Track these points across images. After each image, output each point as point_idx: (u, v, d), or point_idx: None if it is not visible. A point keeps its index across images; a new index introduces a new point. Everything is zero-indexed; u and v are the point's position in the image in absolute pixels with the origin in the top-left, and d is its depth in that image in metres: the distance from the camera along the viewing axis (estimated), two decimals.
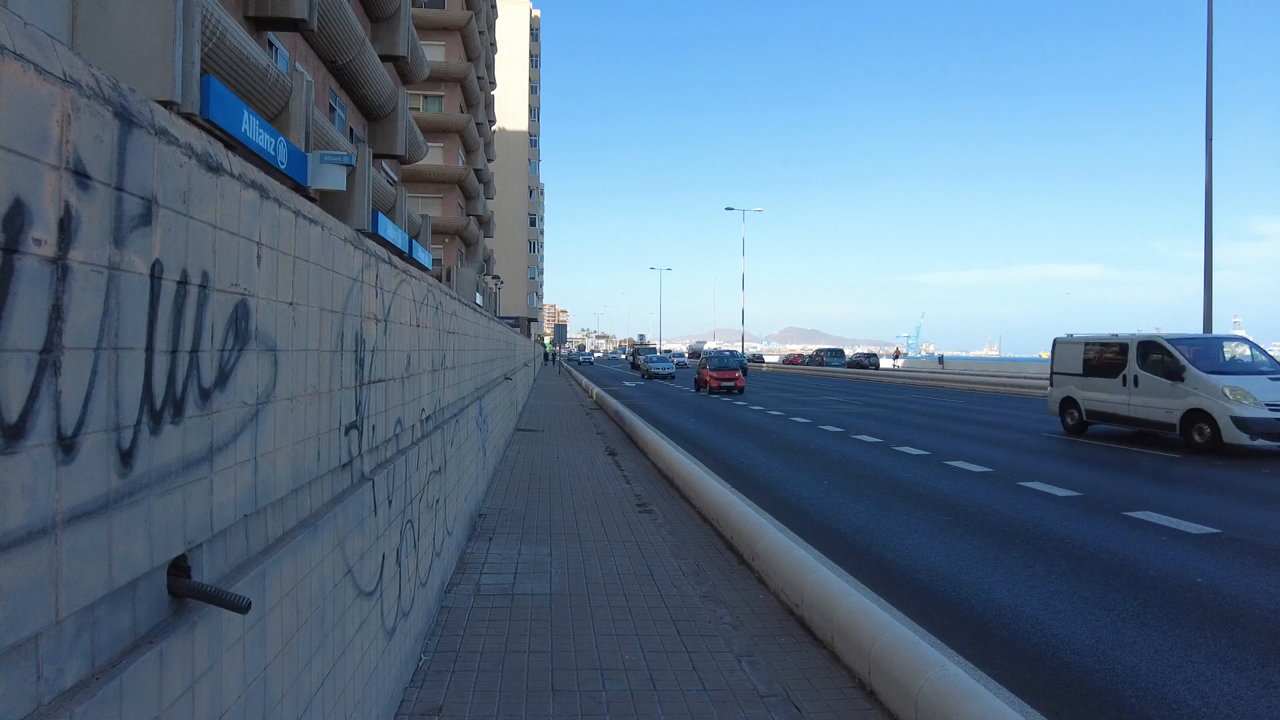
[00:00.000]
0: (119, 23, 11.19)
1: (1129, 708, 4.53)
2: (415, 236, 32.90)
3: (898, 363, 69.83)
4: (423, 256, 33.19)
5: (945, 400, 31.78)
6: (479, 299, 46.06)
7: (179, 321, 1.74)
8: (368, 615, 3.45)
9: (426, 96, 47.36)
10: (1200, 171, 22.63)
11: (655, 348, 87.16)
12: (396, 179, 34.17)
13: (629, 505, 9.53)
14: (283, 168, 16.68)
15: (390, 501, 3.94)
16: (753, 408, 26.73)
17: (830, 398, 32.50)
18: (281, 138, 16.71)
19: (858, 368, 66.18)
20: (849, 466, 13.53)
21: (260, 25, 18.19)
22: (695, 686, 4.47)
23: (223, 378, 1.97)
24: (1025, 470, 13.00)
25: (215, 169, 1.90)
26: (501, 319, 32.93)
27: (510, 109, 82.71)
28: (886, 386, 44.26)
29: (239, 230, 2.04)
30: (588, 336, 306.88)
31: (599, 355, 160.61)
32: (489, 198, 67.05)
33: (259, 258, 2.18)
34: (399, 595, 4.13)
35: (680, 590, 6.24)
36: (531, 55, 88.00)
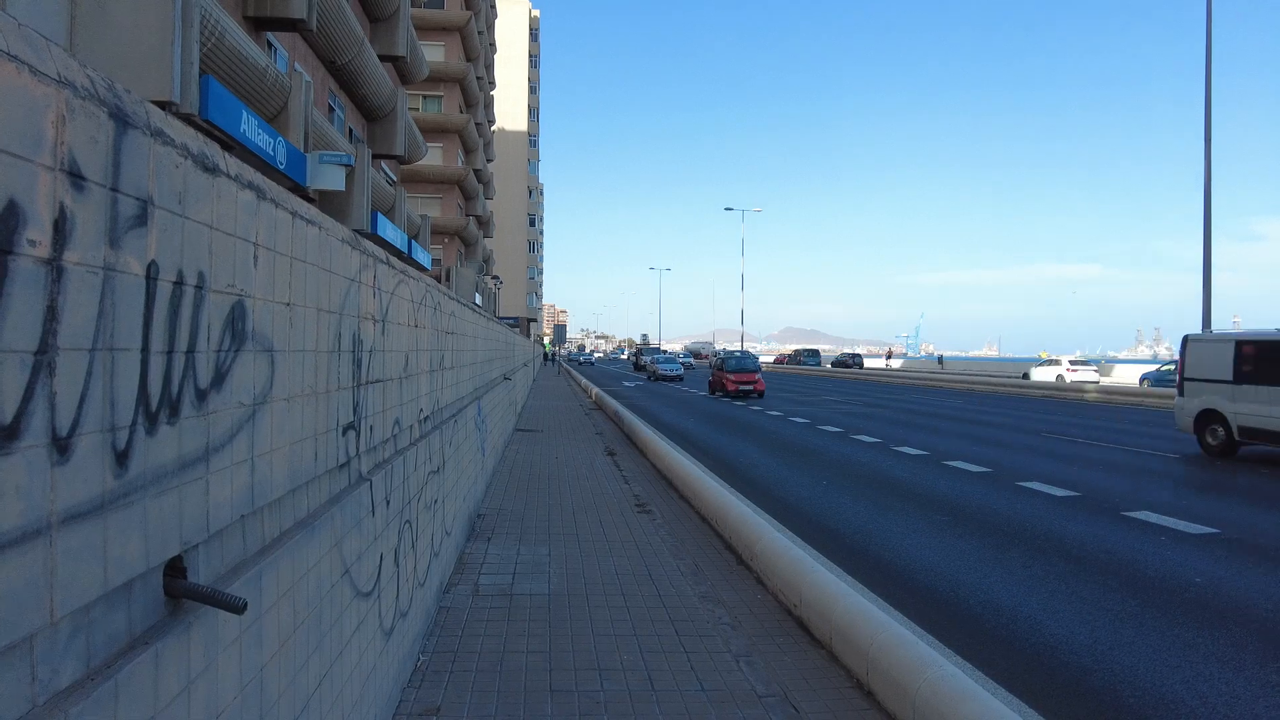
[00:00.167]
0: (118, 23, 11.19)
1: (1127, 707, 4.54)
2: (414, 237, 32.89)
3: (890, 363, 70.74)
4: (422, 257, 33.18)
5: (944, 400, 31.78)
6: (478, 299, 46.05)
7: (175, 322, 1.74)
8: (365, 615, 3.45)
9: (426, 97, 47.35)
10: (1200, 171, 22.65)
11: (660, 347, 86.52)
12: (396, 179, 34.17)
13: (628, 505, 9.53)
14: (282, 168, 16.67)
15: (388, 502, 3.94)
16: (751, 408, 26.74)
17: (829, 398, 32.50)
18: (280, 138, 16.70)
19: (842, 367, 67.80)
20: (848, 466, 13.54)
21: (259, 25, 18.18)
22: (693, 687, 4.47)
23: (219, 378, 1.97)
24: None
25: (211, 170, 1.90)
26: (501, 319, 32.90)
27: (509, 109, 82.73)
28: (886, 386, 44.25)
29: (235, 231, 2.04)
30: (587, 336, 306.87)
31: (599, 355, 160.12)
32: (488, 198, 67.04)
33: (256, 258, 2.18)
34: (397, 595, 4.13)
35: (679, 590, 6.24)
36: (531, 55, 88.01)
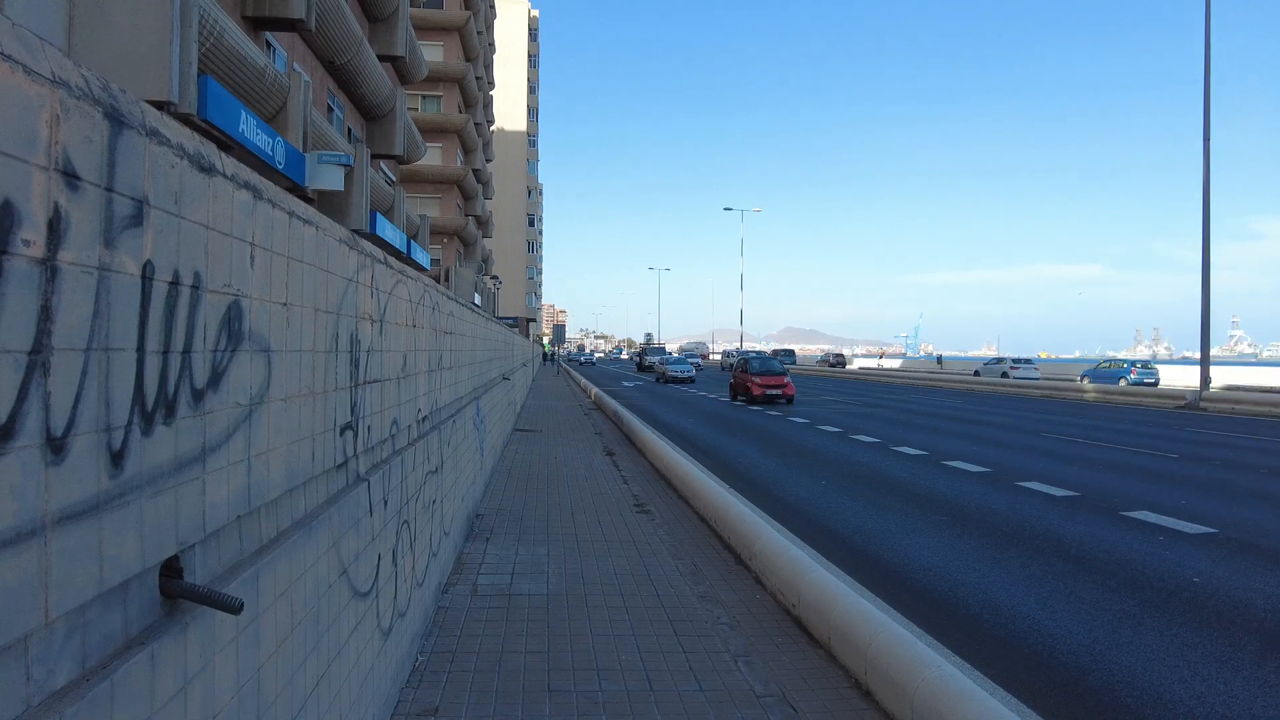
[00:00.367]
0: (116, 23, 11.18)
1: (1125, 707, 4.54)
2: (414, 237, 32.88)
3: (882, 362, 72.94)
4: (421, 257, 33.18)
5: (944, 400, 31.80)
6: (477, 299, 46.04)
7: (171, 322, 1.74)
8: (363, 616, 3.45)
9: (425, 97, 47.34)
10: (1198, 170, 22.65)
11: (664, 346, 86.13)
12: (395, 179, 34.16)
13: (627, 505, 9.53)
14: (280, 168, 16.66)
15: (386, 502, 3.94)
16: (751, 408, 26.75)
17: (828, 397, 32.51)
18: (279, 138, 16.70)
19: (828, 366, 72.24)
20: (847, 466, 13.54)
21: (258, 25, 18.17)
22: (692, 687, 4.47)
23: (215, 378, 1.97)
24: None
25: (208, 170, 1.90)
26: (500, 319, 32.88)
27: (509, 109, 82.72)
28: (885, 386, 44.27)
29: (232, 231, 2.04)
30: (586, 336, 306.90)
31: (599, 355, 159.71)
32: (487, 198, 67.04)
33: (252, 258, 2.17)
34: (395, 596, 4.13)
35: (677, 590, 6.24)
36: (530, 55, 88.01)
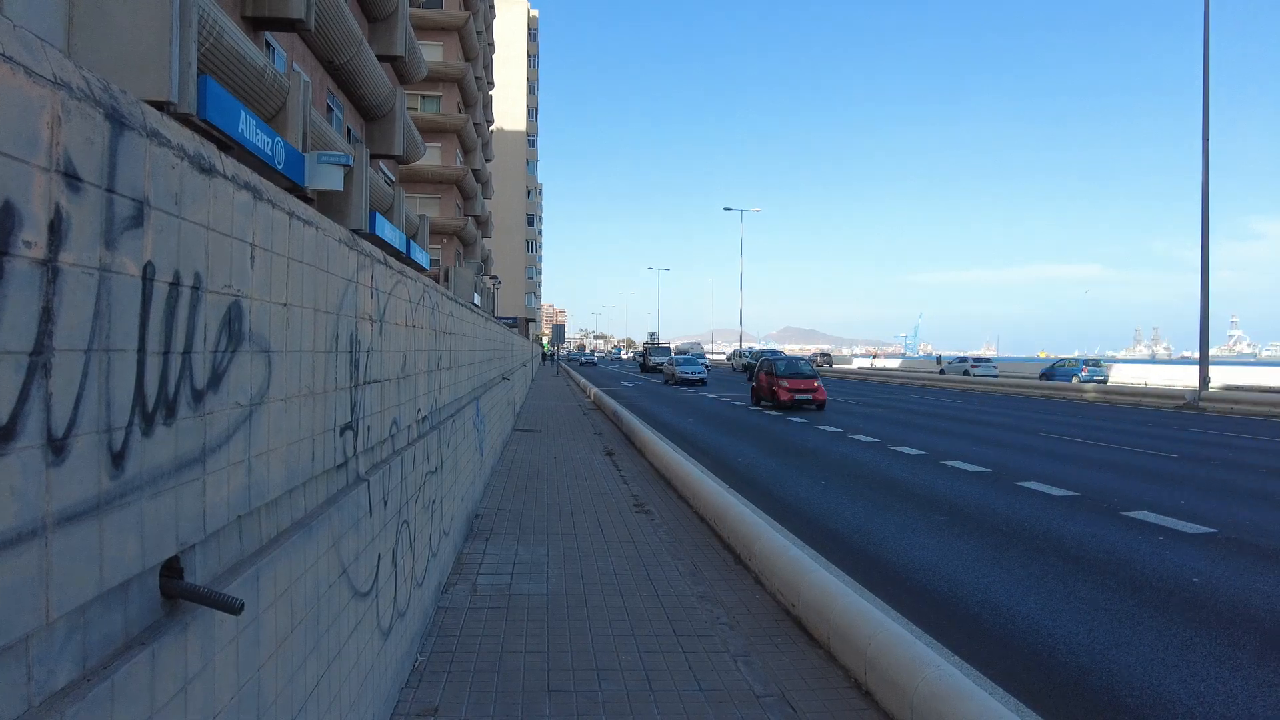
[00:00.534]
0: (115, 23, 11.18)
1: (1125, 707, 4.54)
2: (413, 237, 32.87)
3: (874, 362, 72.83)
4: (420, 257, 33.16)
5: (943, 400, 31.79)
6: (477, 299, 46.03)
7: (171, 323, 1.74)
8: (363, 616, 3.45)
9: (424, 97, 47.33)
10: (1197, 171, 22.67)
11: (668, 346, 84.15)
12: (394, 179, 34.15)
13: (626, 505, 9.53)
14: (280, 168, 16.66)
15: (386, 502, 3.94)
16: (750, 407, 26.75)
17: (828, 398, 32.46)
18: (279, 138, 16.69)
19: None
20: (846, 466, 13.54)
21: (257, 25, 18.16)
22: (691, 687, 4.47)
23: (216, 379, 1.97)
24: None
25: (208, 171, 1.90)
26: (499, 319, 32.88)
27: (508, 109, 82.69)
28: (885, 386, 44.27)
29: (232, 232, 2.04)
30: (586, 336, 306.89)
31: (600, 355, 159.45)
32: (487, 198, 67.02)
33: (252, 259, 2.18)
34: (395, 596, 4.13)
35: (677, 590, 6.24)
36: (529, 55, 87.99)
